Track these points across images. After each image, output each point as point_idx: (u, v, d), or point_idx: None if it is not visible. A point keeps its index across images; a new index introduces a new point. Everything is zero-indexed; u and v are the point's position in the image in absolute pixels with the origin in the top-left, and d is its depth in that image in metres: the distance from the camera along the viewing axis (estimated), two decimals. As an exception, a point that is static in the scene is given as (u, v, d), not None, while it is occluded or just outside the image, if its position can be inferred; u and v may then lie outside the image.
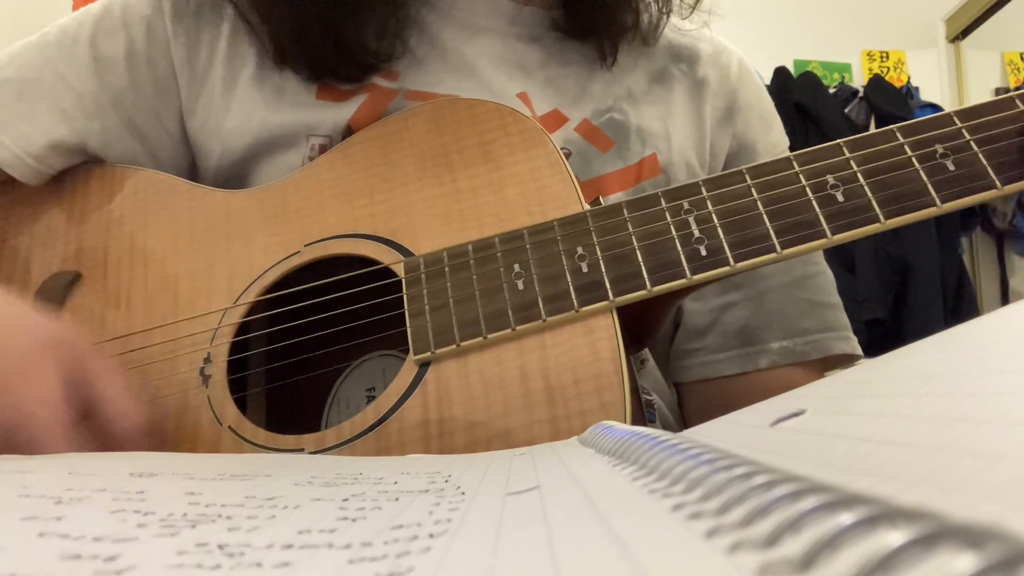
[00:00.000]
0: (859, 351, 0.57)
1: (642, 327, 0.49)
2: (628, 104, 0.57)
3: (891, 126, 0.43)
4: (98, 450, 0.37)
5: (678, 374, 0.59)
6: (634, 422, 0.38)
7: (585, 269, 0.41)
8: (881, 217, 0.40)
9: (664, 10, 0.58)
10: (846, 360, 0.58)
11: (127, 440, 0.39)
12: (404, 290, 0.43)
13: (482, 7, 0.56)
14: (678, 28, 0.61)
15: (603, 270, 0.41)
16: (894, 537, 0.08)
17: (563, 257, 0.42)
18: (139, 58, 0.55)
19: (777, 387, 0.26)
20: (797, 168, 0.42)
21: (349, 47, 0.52)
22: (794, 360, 0.56)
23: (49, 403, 0.36)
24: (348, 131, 0.52)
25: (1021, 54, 2.95)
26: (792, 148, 0.52)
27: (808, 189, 0.41)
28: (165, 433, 0.44)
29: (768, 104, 0.64)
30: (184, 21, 0.56)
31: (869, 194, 0.40)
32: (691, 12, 0.59)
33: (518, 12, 0.57)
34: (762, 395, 0.25)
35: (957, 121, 0.41)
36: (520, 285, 0.42)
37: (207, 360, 0.46)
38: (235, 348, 0.46)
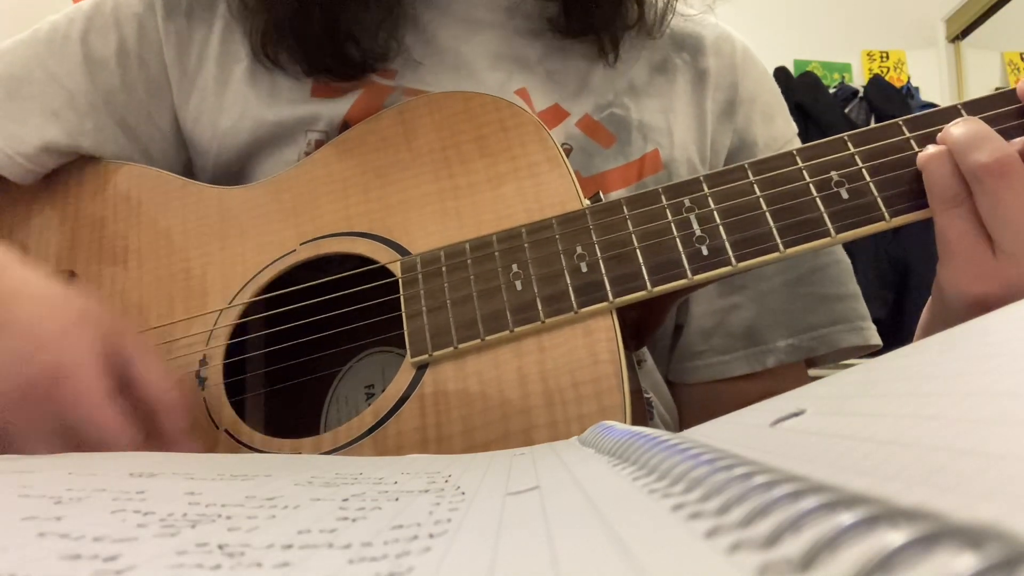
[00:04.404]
0: (874, 340, 0.56)
1: (642, 326, 0.49)
2: (629, 98, 0.56)
3: (896, 119, 0.42)
4: (135, 424, 0.37)
5: (684, 376, 0.59)
6: (635, 424, 0.38)
7: (584, 269, 0.41)
8: (887, 215, 0.39)
9: (670, 4, 0.57)
10: (861, 351, 0.56)
11: (160, 415, 0.39)
12: (401, 291, 0.43)
13: (480, 0, 0.56)
14: (681, 13, 0.59)
15: (603, 270, 0.41)
16: (894, 537, 0.08)
17: (562, 257, 0.42)
18: (131, 57, 0.55)
19: (785, 387, 0.26)
20: (800, 164, 0.41)
21: (343, 44, 0.51)
22: (802, 357, 0.56)
23: (88, 364, 0.36)
24: (345, 126, 0.52)
25: (1021, 54, 2.95)
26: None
27: (812, 186, 0.41)
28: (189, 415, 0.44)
29: (771, 93, 0.62)
30: (176, 20, 0.55)
31: (874, 192, 0.40)
32: None
33: (517, 4, 0.56)
34: (770, 395, 0.25)
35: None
36: (518, 285, 0.41)
37: (203, 362, 0.46)
38: (231, 349, 0.46)
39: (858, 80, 2.82)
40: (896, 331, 2.25)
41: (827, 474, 0.12)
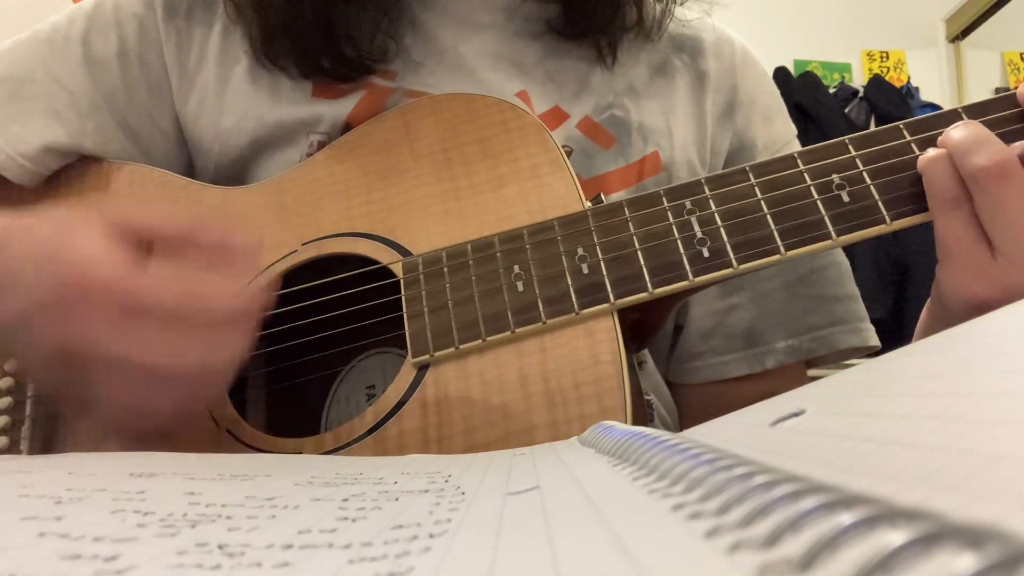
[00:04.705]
0: (873, 342, 0.56)
1: (643, 327, 0.49)
2: (629, 99, 0.56)
3: (897, 123, 0.42)
4: (178, 276, 0.36)
5: (683, 376, 0.59)
6: (636, 424, 0.38)
7: (586, 270, 0.41)
8: (887, 218, 0.39)
9: (668, 8, 0.58)
10: (861, 352, 0.56)
11: (198, 233, 0.37)
12: (402, 291, 0.43)
13: (479, 1, 0.56)
14: (679, 20, 0.59)
15: (604, 271, 0.41)
16: (894, 537, 0.08)
17: (563, 258, 0.42)
18: (131, 57, 0.55)
19: (785, 387, 0.26)
20: (801, 167, 0.41)
21: (339, 45, 0.51)
22: (801, 358, 0.56)
23: (101, 249, 0.35)
24: (347, 127, 0.52)
25: (1021, 54, 2.95)
26: (793, 149, 0.52)
27: (813, 189, 0.41)
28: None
29: (771, 95, 0.62)
30: (176, 20, 0.55)
31: (875, 195, 0.40)
32: None
33: (516, 5, 0.56)
34: (769, 396, 0.25)
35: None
36: (520, 286, 0.41)
37: None
38: None
39: (858, 80, 2.83)
40: (896, 331, 2.25)
41: (827, 474, 0.12)
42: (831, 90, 2.70)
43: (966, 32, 2.87)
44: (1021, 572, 0.07)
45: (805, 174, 0.41)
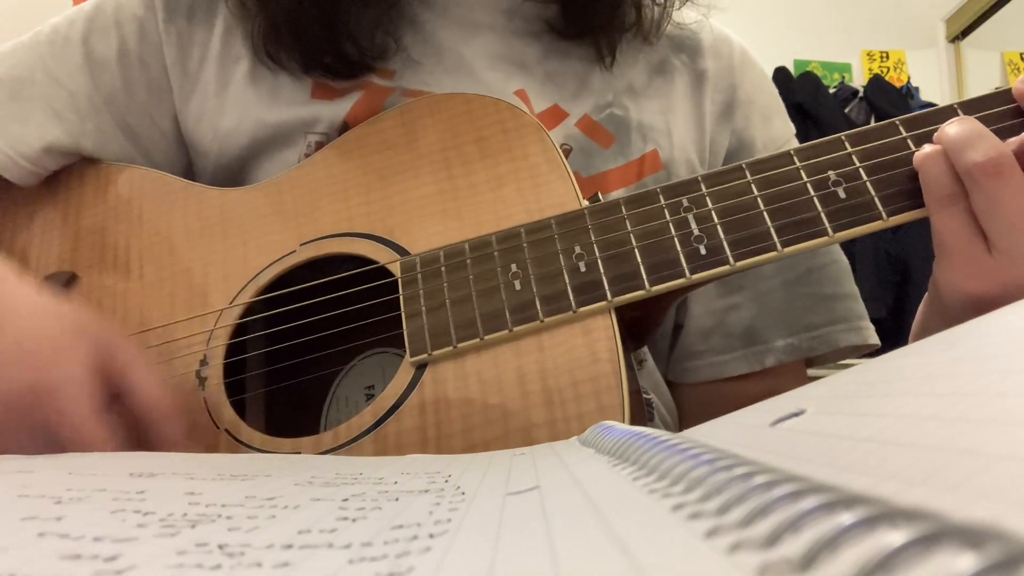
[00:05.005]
0: (873, 340, 0.56)
1: (641, 326, 0.49)
2: (628, 99, 0.57)
3: (893, 119, 0.42)
4: (126, 436, 0.38)
5: (683, 376, 0.59)
6: (634, 423, 0.38)
7: (583, 269, 0.41)
8: (884, 214, 0.39)
9: (667, 10, 0.58)
10: (860, 351, 0.57)
11: (156, 424, 0.39)
12: (400, 290, 0.43)
13: (479, 2, 0.56)
14: (677, 23, 0.60)
15: (601, 269, 0.41)
16: (894, 537, 0.08)
17: (560, 256, 0.42)
18: (131, 58, 0.55)
19: (785, 387, 0.26)
20: (798, 164, 0.41)
21: (341, 41, 0.51)
22: (800, 356, 0.56)
23: (77, 379, 0.36)
24: (344, 127, 0.52)
25: (1021, 54, 2.95)
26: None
27: (809, 186, 0.41)
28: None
29: (769, 95, 0.62)
30: (176, 21, 0.55)
31: (872, 191, 0.40)
32: (684, 2, 0.58)
33: (516, 6, 0.56)
34: (769, 395, 0.25)
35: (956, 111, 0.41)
36: (517, 285, 0.41)
37: (203, 362, 0.46)
38: (232, 349, 0.46)
39: (858, 80, 2.82)
40: (896, 331, 2.25)
41: (827, 474, 0.12)
42: (831, 90, 2.70)
43: (966, 32, 2.86)
44: (1021, 572, 0.07)
45: (801, 171, 0.41)
